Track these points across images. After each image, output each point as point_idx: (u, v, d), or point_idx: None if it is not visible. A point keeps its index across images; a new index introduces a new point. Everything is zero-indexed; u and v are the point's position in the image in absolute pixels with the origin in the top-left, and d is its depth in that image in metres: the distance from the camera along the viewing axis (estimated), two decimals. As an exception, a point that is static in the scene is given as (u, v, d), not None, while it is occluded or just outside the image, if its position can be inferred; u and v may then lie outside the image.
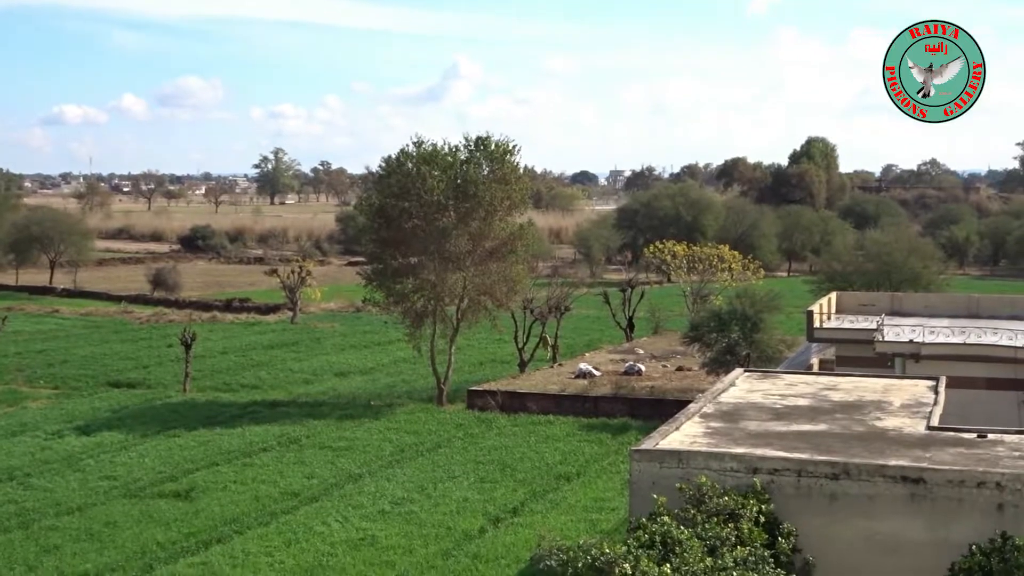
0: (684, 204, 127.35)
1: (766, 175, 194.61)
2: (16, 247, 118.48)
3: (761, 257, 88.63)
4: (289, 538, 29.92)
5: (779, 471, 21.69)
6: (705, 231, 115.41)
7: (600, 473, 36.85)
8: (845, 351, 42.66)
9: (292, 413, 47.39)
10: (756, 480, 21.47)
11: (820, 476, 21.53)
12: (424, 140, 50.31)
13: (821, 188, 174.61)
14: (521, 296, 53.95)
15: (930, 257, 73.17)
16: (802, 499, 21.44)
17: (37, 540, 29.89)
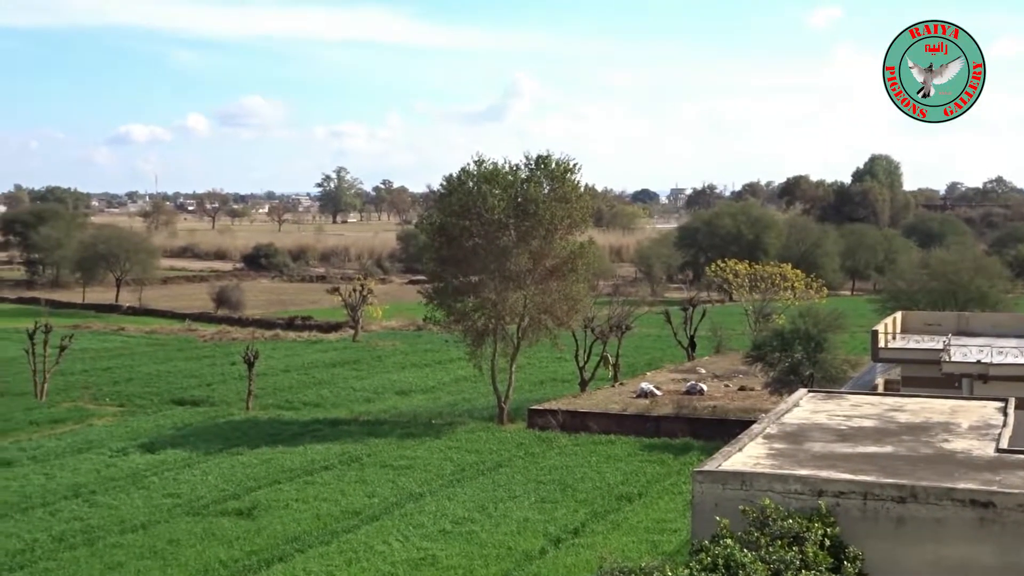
0: (746, 222, 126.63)
1: (829, 193, 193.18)
2: (83, 265, 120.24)
3: (824, 276, 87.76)
4: (350, 557, 29.92)
5: (845, 494, 21.37)
6: (767, 249, 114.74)
7: (662, 494, 36.56)
8: (911, 371, 42.12)
9: (353, 432, 47.51)
10: (821, 503, 21.16)
11: (887, 499, 21.20)
12: (485, 158, 50.40)
13: (885, 206, 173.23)
14: (582, 315, 53.74)
15: (997, 276, 72.00)
16: (868, 522, 21.11)
17: (102, 557, 30.11)
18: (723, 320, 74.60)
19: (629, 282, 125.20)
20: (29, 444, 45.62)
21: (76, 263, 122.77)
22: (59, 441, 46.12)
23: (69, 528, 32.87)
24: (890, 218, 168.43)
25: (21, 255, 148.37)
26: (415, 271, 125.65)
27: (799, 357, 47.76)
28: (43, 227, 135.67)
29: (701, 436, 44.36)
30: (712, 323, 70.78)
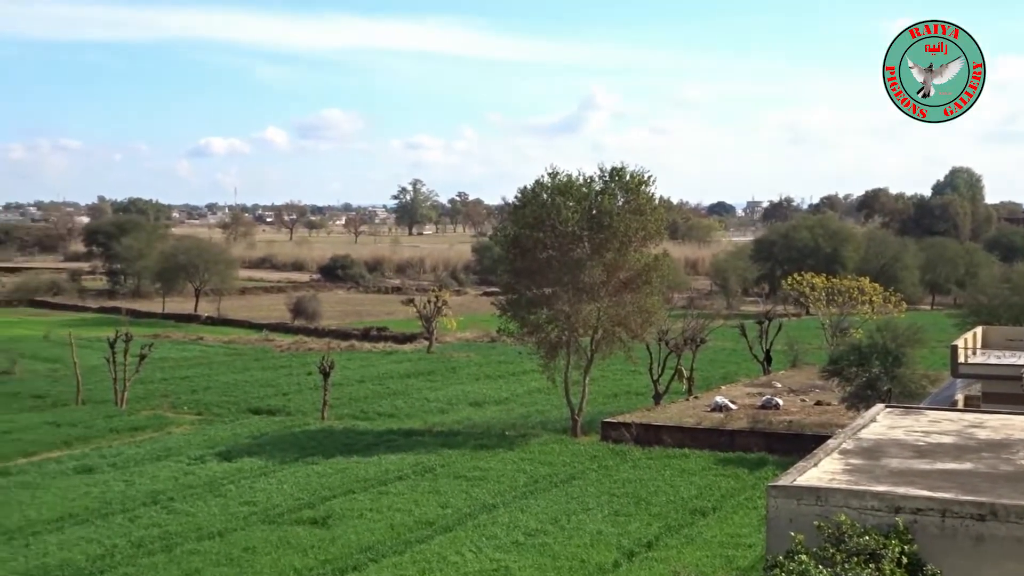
0: (823, 235, 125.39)
1: (908, 206, 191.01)
2: (163, 275, 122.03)
3: (903, 290, 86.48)
4: (423, 567, 29.95)
5: (923, 511, 21.07)
6: (845, 263, 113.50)
7: (736, 508, 36.26)
8: (992, 387, 41.37)
9: (427, 442, 47.64)
10: (898, 520, 20.88)
11: (966, 517, 20.86)
12: (559, 171, 50.34)
13: (966, 220, 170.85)
14: (656, 328, 53.51)
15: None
16: (947, 540, 20.79)
17: (179, 564, 30.41)
18: (799, 334, 73.95)
19: (704, 295, 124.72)
20: (109, 451, 46.30)
21: (156, 273, 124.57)
22: (138, 448, 46.75)
23: (148, 534, 33.24)
24: (971, 231, 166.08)
25: (104, 265, 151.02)
26: (489, 283, 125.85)
27: (877, 372, 47.19)
28: (125, 238, 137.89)
29: (776, 451, 43.97)
30: (788, 337, 70.19)
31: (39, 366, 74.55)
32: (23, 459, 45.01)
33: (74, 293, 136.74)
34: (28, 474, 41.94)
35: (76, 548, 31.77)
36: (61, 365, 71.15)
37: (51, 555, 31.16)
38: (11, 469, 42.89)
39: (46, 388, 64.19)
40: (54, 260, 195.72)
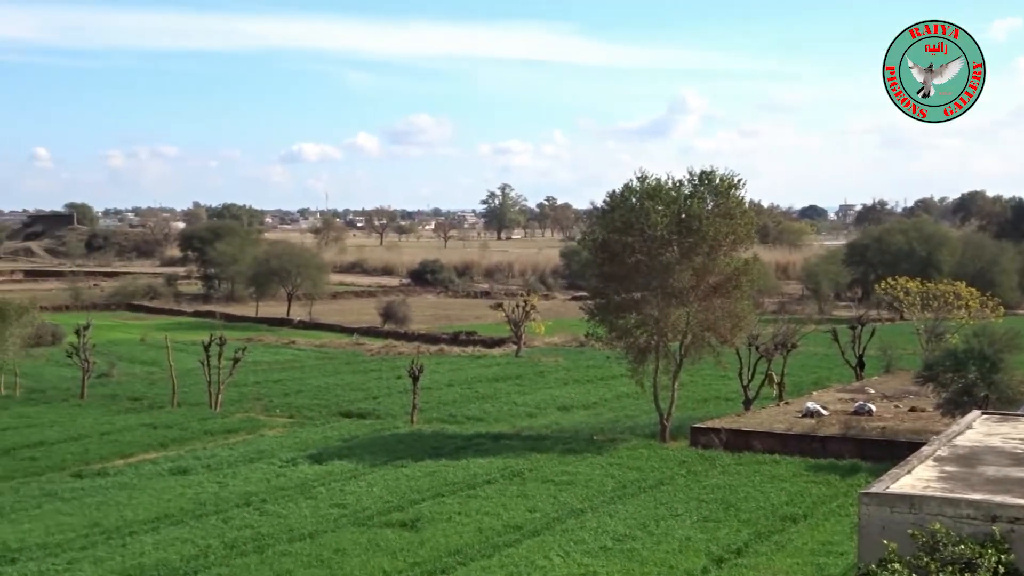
0: (918, 239, 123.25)
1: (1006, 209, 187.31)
2: (256, 280, 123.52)
3: (1001, 294, 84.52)
4: (511, 571, 29.93)
5: (1020, 520, 20.65)
6: (940, 267, 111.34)
7: (828, 516, 35.78)
8: (1092, 394, 40.42)
9: (515, 446, 47.67)
10: (995, 528, 20.48)
11: (1065, 526, 20.41)
12: (648, 174, 50.11)
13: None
14: (746, 332, 53.00)
15: None
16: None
17: (271, 565, 30.68)
18: (893, 339, 72.79)
19: (795, 299, 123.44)
20: (204, 453, 46.98)
21: (250, 278, 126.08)
22: (232, 451, 47.37)
23: (240, 535, 33.61)
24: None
25: (199, 270, 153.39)
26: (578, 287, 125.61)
27: (973, 378, 46.32)
28: (219, 243, 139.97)
29: (869, 457, 43.31)
30: (881, 342, 69.14)
31: (136, 369, 75.93)
32: (121, 460, 45.90)
33: (170, 297, 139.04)
34: (125, 475, 42.67)
35: (171, 548, 32.22)
36: (157, 368, 72.41)
37: (147, 555, 31.64)
38: (109, 470, 43.70)
39: (143, 390, 65.41)
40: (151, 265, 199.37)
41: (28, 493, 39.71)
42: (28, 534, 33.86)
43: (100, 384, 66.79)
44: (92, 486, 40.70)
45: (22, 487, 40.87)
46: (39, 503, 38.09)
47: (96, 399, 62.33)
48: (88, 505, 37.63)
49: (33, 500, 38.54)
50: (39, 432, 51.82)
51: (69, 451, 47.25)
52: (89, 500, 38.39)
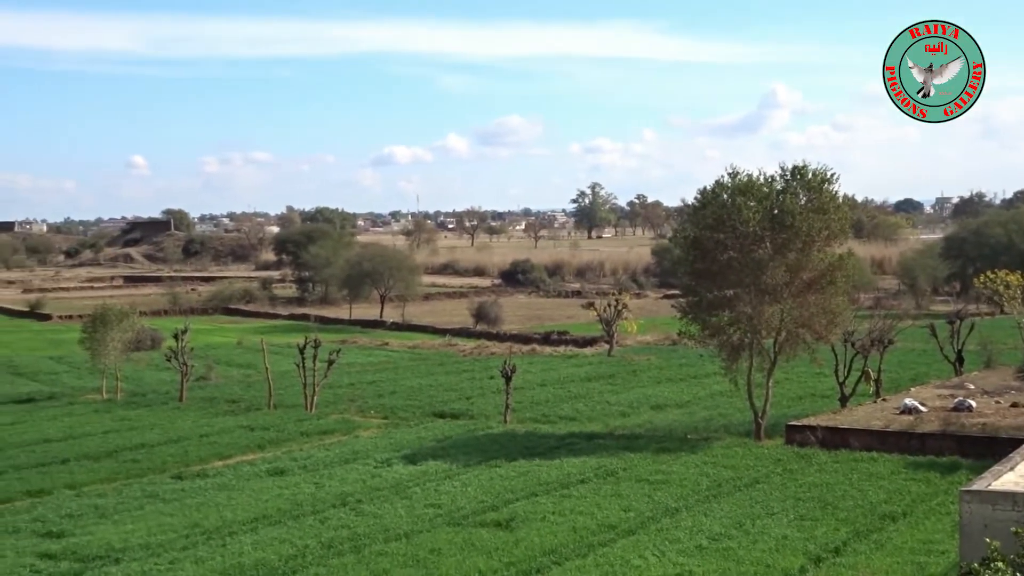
0: (1018, 231, 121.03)
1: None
2: (349, 282, 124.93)
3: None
4: (606, 571, 29.83)
5: None
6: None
7: (928, 514, 35.23)
8: None
9: (609, 445, 47.57)
10: (1102, 527, 20.05)
11: None
12: (739, 170, 49.69)
13: None
14: (841, 329, 52.34)
15: None
16: None
17: (367, 565, 30.86)
18: (993, 334, 71.46)
19: (891, 295, 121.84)
20: (300, 454, 47.50)
21: (343, 280, 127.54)
22: (327, 452, 47.82)
23: (337, 535, 33.88)
24: None
25: (293, 273, 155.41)
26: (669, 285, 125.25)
27: (1076, 372, 45.45)
28: (312, 246, 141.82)
29: (970, 454, 42.52)
30: (981, 337, 67.90)
31: (233, 372, 77.12)
32: (219, 462, 46.58)
33: (265, 301, 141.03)
34: (224, 476, 43.28)
35: (269, 548, 32.60)
36: (254, 371, 73.51)
37: (246, 555, 32.03)
38: (209, 472, 44.36)
39: (240, 393, 66.38)
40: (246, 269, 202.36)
41: (130, 494, 40.43)
42: (131, 535, 34.45)
43: (198, 387, 67.96)
44: (192, 487, 41.39)
45: (124, 489, 41.65)
46: (141, 504, 38.78)
47: (195, 402, 63.40)
48: (188, 506, 38.25)
49: (135, 501, 39.25)
50: (140, 435, 52.84)
51: (169, 453, 48.11)
52: (189, 501, 39.02)
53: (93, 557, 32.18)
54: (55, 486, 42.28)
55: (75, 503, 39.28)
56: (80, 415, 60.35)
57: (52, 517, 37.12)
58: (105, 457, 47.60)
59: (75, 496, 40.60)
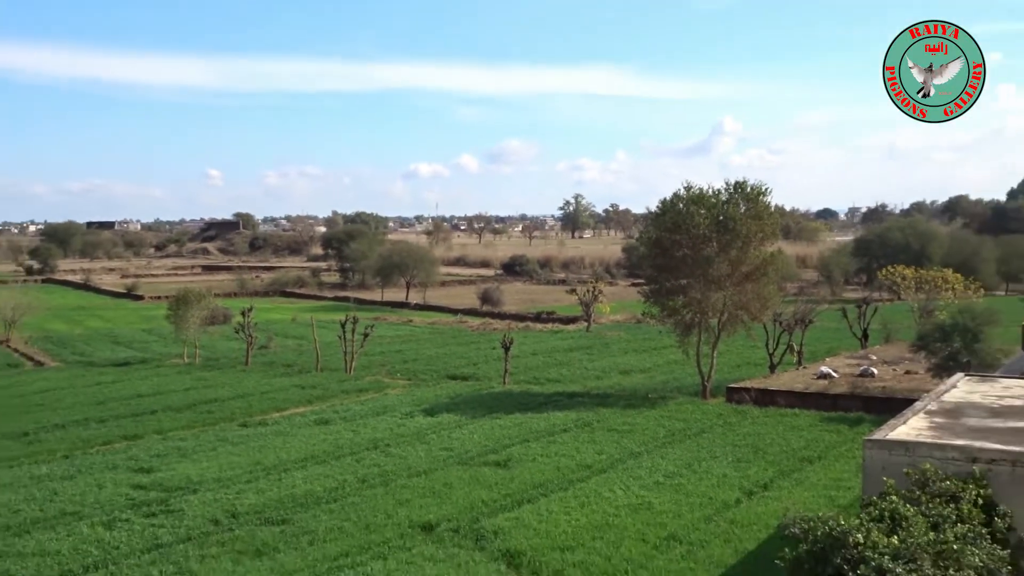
0: (913, 235, 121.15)
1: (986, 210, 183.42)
2: (381, 272, 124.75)
3: (981, 279, 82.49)
4: (583, 501, 30.01)
5: (996, 461, 20.27)
6: (931, 257, 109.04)
7: (838, 458, 35.34)
8: (1057, 359, 39.41)
9: (586, 402, 47.63)
10: (975, 468, 20.11)
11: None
12: (693, 185, 49.79)
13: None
14: (772, 311, 52.51)
15: None
16: (1016, 485, 19.95)
17: (394, 495, 31.04)
18: (892, 316, 71.46)
19: (812, 284, 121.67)
20: (340, 407, 47.56)
21: (376, 270, 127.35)
22: (363, 406, 47.86)
23: (370, 472, 34.02)
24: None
25: (336, 264, 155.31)
26: (636, 276, 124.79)
27: (958, 346, 45.48)
28: (352, 243, 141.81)
29: (872, 411, 42.65)
30: (882, 318, 67.95)
31: (288, 342, 77.12)
32: (276, 413, 46.70)
33: (314, 286, 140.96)
34: (280, 424, 43.43)
35: (316, 481, 32.73)
36: (304, 341, 73.47)
37: (297, 486, 32.15)
38: (268, 421, 44.52)
39: (293, 359, 66.40)
40: (299, 260, 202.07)
41: (205, 439, 40.60)
42: (206, 470, 34.60)
43: (260, 354, 68.01)
44: (254, 433, 41.51)
45: (201, 434, 41.82)
46: (214, 446, 38.93)
47: (257, 366, 63.46)
48: (251, 448, 38.37)
49: (209, 444, 39.40)
50: (213, 391, 52.95)
51: (236, 406, 48.23)
52: (252, 444, 39.14)
53: (175, 488, 32.35)
54: (146, 432, 42.51)
55: (161, 445, 39.44)
56: (166, 375, 60.49)
57: (143, 456, 37.31)
58: (185, 409, 47.75)
59: (161, 440, 40.81)
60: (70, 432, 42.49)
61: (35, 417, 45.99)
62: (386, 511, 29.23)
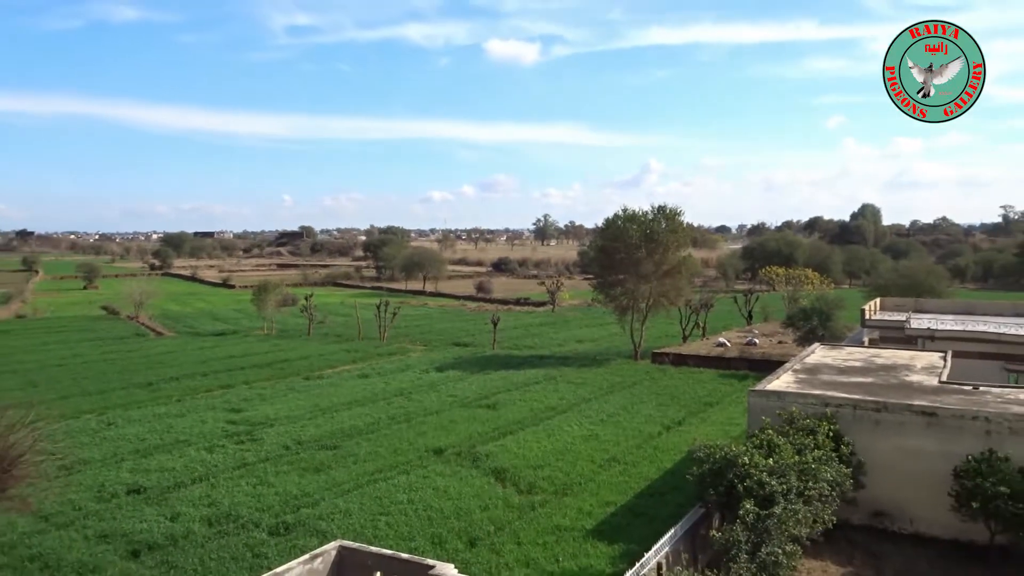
0: (783, 244, 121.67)
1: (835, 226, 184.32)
2: (405, 268, 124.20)
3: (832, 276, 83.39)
4: (549, 433, 30.07)
5: (842, 405, 20.43)
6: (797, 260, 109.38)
7: (731, 403, 35.52)
8: (885, 334, 39.67)
9: (551, 362, 47.60)
10: (827, 410, 20.27)
11: (868, 409, 20.16)
12: (628, 208, 49.97)
13: (871, 234, 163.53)
14: (684, 298, 52.64)
15: (941, 277, 67.05)
16: (857, 423, 20.12)
17: (414, 429, 31.07)
18: (769, 302, 71.70)
19: (712, 279, 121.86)
20: (376, 366, 47.33)
21: (401, 267, 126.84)
22: (391, 364, 47.64)
23: (396, 412, 33.99)
24: (874, 241, 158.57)
25: (373, 263, 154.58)
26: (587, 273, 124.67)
27: (815, 324, 45.73)
28: (385, 248, 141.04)
29: (755, 370, 42.84)
30: (762, 304, 68.18)
31: (339, 319, 76.69)
32: (330, 370, 46.49)
33: (357, 278, 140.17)
34: (332, 378, 43.25)
35: (358, 419, 32.70)
36: (350, 318, 73.17)
37: (344, 422, 32.11)
38: (323, 375, 44.33)
39: (342, 330, 66.09)
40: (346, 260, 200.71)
41: (279, 388, 40.45)
42: (278, 411, 34.51)
43: (318, 327, 67.72)
44: (314, 384, 41.34)
45: (276, 384, 41.63)
46: (285, 393, 38.77)
47: (316, 336, 63.14)
48: (312, 395, 38.24)
49: (281, 392, 39.25)
50: (284, 353, 52.66)
51: (301, 364, 47.99)
52: (312, 392, 39.00)
53: (257, 423, 32.24)
54: (236, 383, 42.30)
55: (247, 392, 39.26)
56: (250, 343, 60.13)
57: (234, 400, 37.16)
58: (264, 366, 47.52)
59: (247, 388, 40.61)
60: (182, 383, 42.32)
61: (156, 372, 45.77)
62: (408, 440, 29.27)
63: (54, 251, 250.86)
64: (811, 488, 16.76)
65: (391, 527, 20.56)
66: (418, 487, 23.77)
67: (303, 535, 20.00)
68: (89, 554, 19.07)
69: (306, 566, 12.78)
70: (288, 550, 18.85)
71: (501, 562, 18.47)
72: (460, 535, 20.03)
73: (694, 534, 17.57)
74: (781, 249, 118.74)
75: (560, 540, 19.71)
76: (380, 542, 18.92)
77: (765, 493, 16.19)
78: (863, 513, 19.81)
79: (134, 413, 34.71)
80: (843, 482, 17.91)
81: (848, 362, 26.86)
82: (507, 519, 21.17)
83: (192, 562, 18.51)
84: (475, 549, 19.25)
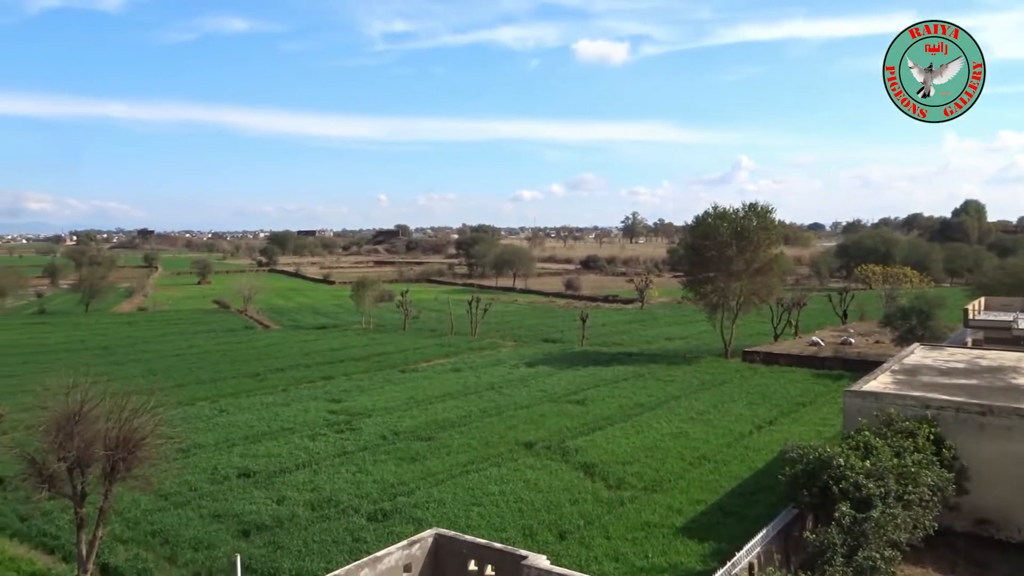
0: (881, 242, 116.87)
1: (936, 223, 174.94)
2: (496, 266, 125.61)
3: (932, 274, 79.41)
4: (638, 429, 29.76)
5: (943, 408, 19.47)
6: (895, 258, 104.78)
7: (825, 403, 34.31)
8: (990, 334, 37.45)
9: (640, 359, 47.08)
10: (927, 412, 19.35)
11: (972, 412, 19.14)
12: (718, 206, 48.99)
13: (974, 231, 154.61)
14: (775, 296, 51.19)
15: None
16: (960, 426, 19.13)
17: (505, 422, 31.24)
18: (865, 300, 68.84)
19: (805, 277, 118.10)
20: (468, 360, 47.92)
21: (492, 265, 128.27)
22: (483, 359, 48.15)
23: (488, 405, 34.30)
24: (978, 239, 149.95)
25: (465, 261, 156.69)
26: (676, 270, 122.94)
27: (914, 323, 43.68)
28: (476, 246, 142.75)
29: (850, 370, 41.22)
30: (858, 302, 65.61)
31: (432, 314, 78.13)
32: (424, 363, 47.28)
33: (450, 275, 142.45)
34: (427, 371, 43.98)
35: (451, 411, 33.12)
36: (443, 313, 74.38)
37: (438, 414, 32.53)
38: (419, 368, 45.13)
39: (435, 325, 67.25)
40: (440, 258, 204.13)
41: (376, 380, 41.40)
42: (376, 402, 35.34)
43: (413, 322, 69.13)
44: (410, 376, 42.16)
45: (374, 376, 42.63)
46: (382, 385, 39.66)
47: (411, 330, 64.45)
48: (408, 387, 38.96)
49: (379, 384, 40.15)
50: (382, 347, 53.92)
51: (398, 357, 49.01)
52: (408, 384, 39.75)
53: (356, 412, 33.12)
54: (336, 374, 43.57)
55: (347, 383, 40.40)
56: (350, 336, 61.92)
57: (335, 391, 38.28)
58: (363, 359, 48.76)
59: (347, 380, 41.74)
60: (286, 373, 43.88)
61: (263, 363, 47.64)
62: (499, 433, 29.46)
63: (171, 248, 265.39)
64: (911, 492, 16.02)
65: (483, 517, 20.81)
66: (509, 479, 23.95)
67: (400, 522, 20.49)
68: (204, 531, 20.10)
69: (405, 551, 13.12)
70: (386, 536, 19.34)
71: (591, 556, 18.44)
72: (550, 527, 20.10)
73: (786, 535, 17.09)
74: (878, 247, 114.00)
75: (649, 536, 19.52)
76: (473, 531, 19.19)
77: (862, 496, 15.58)
78: (967, 520, 18.82)
79: (243, 401, 36.20)
80: (945, 487, 17.05)
81: (950, 363, 25.55)
82: (596, 513, 21.10)
83: (296, 543, 19.25)
84: (565, 542, 19.28)
